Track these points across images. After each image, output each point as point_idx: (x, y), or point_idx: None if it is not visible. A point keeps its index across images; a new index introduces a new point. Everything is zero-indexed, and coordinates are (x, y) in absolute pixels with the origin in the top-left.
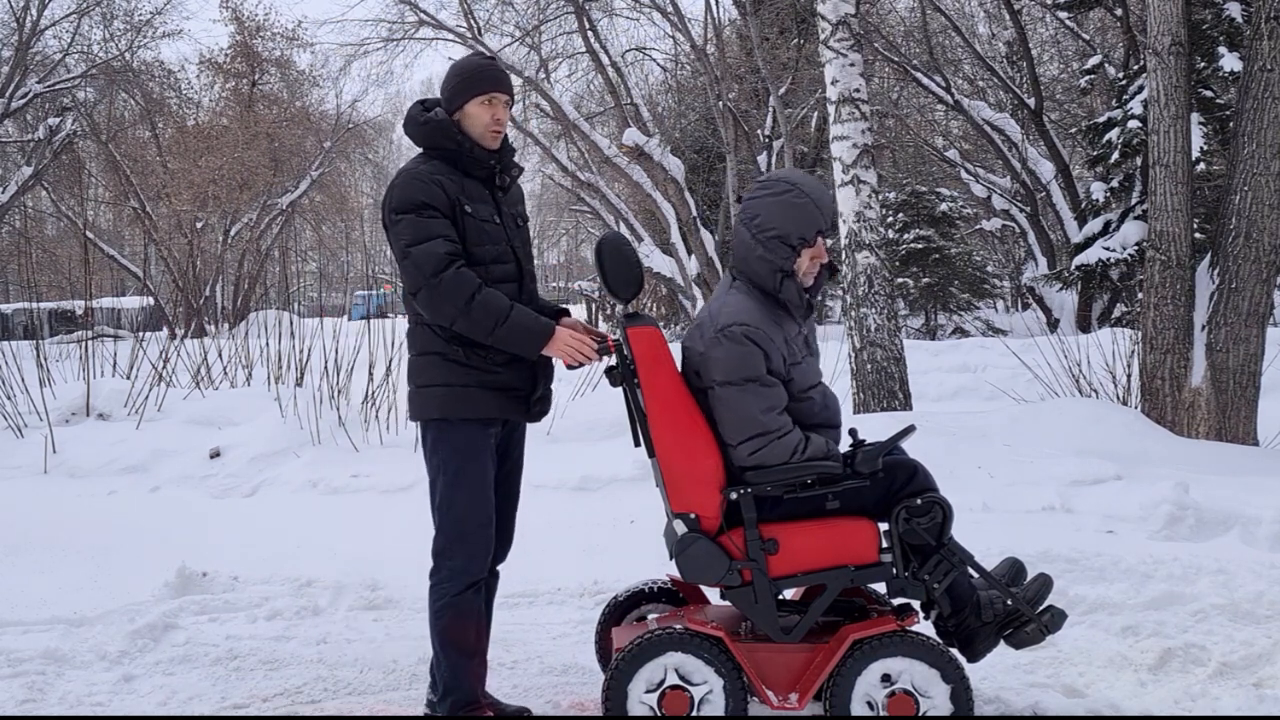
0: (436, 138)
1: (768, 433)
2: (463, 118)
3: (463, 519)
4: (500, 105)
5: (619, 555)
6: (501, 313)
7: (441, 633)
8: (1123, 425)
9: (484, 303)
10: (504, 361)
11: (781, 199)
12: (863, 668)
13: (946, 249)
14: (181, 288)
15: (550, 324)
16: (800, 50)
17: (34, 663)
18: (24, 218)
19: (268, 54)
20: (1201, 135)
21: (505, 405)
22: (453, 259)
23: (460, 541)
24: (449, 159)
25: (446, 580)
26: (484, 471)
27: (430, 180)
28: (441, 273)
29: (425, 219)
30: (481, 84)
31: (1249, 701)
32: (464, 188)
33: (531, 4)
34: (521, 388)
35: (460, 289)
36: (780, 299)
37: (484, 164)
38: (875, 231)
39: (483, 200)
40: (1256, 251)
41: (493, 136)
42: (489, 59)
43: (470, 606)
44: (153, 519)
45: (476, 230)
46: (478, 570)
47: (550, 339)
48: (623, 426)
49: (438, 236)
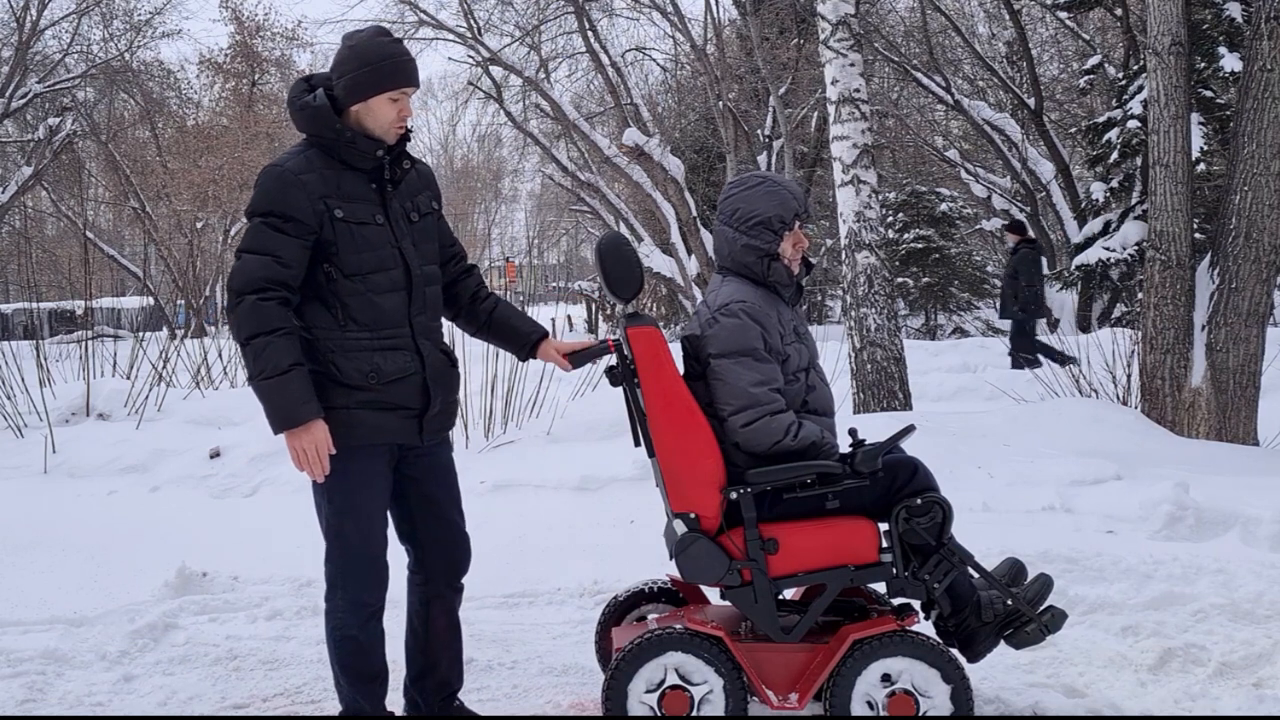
0: (315, 125)
1: (759, 404)
2: (363, 111)
3: (352, 552)
4: (407, 100)
5: (619, 555)
6: (272, 369)
7: (341, 661)
8: (1123, 425)
9: (264, 349)
10: (390, 378)
11: (757, 189)
12: (863, 668)
13: (946, 249)
14: (181, 288)
15: (310, 414)
16: (800, 50)
17: (34, 663)
18: (24, 218)
19: (268, 54)
20: (1201, 135)
21: (393, 427)
22: (268, 286)
23: (351, 574)
24: (328, 149)
25: (344, 612)
26: (375, 499)
27: (293, 182)
28: (247, 295)
29: (271, 230)
30: (394, 79)
31: (1249, 701)
32: (339, 185)
33: (531, 4)
34: (412, 405)
35: (251, 321)
36: (769, 281)
37: (368, 156)
38: (875, 231)
39: (363, 199)
40: (1256, 251)
41: (396, 133)
42: (397, 41)
43: (372, 637)
44: (153, 519)
45: (350, 236)
46: (373, 600)
47: (294, 429)
48: (623, 426)
49: (270, 255)
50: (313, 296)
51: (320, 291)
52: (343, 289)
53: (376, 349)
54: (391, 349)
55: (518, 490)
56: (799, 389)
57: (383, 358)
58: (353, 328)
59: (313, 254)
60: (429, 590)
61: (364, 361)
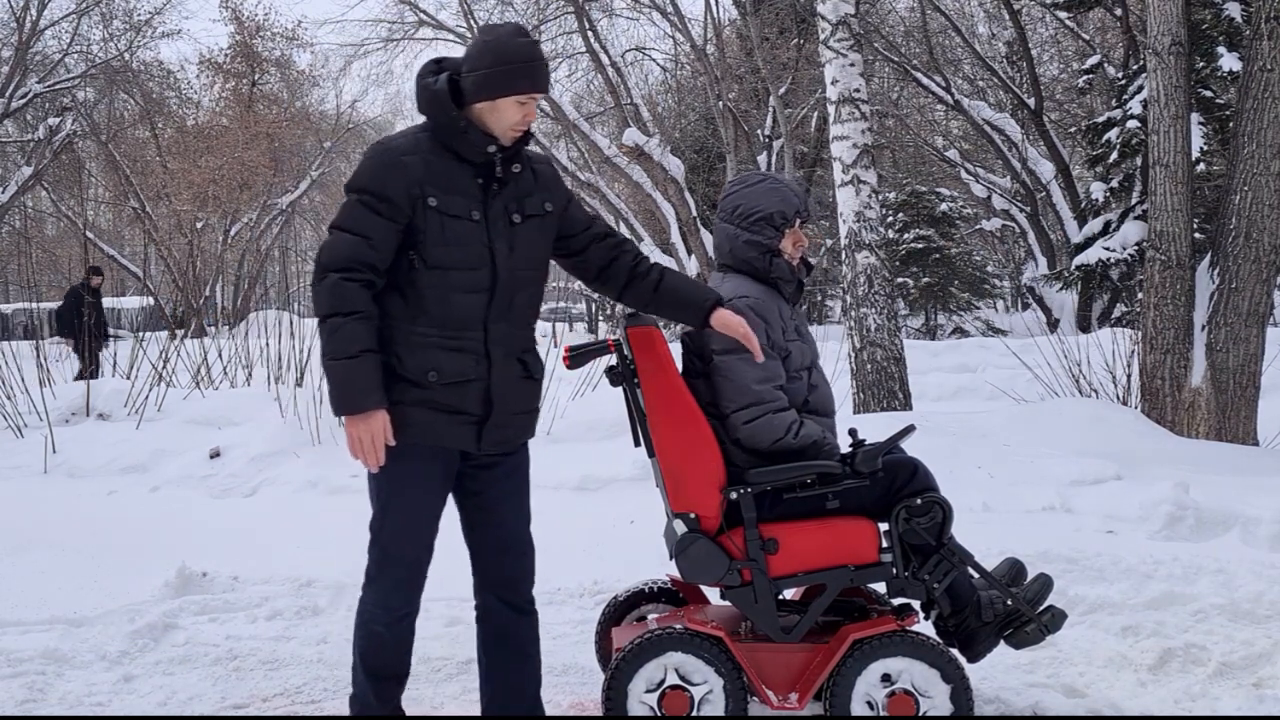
0: (432, 108)
1: (762, 402)
2: (488, 109)
3: (390, 550)
4: (534, 105)
5: (619, 555)
6: (343, 351)
7: (363, 651)
8: (1123, 425)
9: (339, 329)
10: (450, 380)
11: (758, 186)
12: (863, 668)
13: (946, 249)
14: (181, 288)
15: (372, 404)
16: (800, 50)
17: (34, 663)
18: (24, 218)
19: (268, 54)
20: (1201, 135)
21: (445, 431)
22: (354, 266)
23: (386, 573)
24: (441, 135)
25: (372, 608)
26: (419, 502)
27: (394, 163)
28: (332, 272)
29: (366, 209)
30: (526, 82)
31: (1249, 701)
32: (441, 173)
33: (531, 4)
34: (472, 412)
35: (330, 299)
36: (772, 278)
37: (479, 150)
38: (875, 231)
39: (464, 192)
40: (1256, 251)
41: (514, 136)
42: (535, 43)
43: (397, 639)
44: (153, 519)
45: (439, 227)
46: (401, 604)
47: (355, 415)
48: (623, 426)
49: (364, 236)
50: (391, 284)
51: (400, 279)
52: (421, 280)
53: (442, 347)
54: (457, 350)
55: None
56: (801, 387)
57: (446, 357)
58: (422, 321)
59: (401, 239)
60: (484, 604)
61: (427, 358)
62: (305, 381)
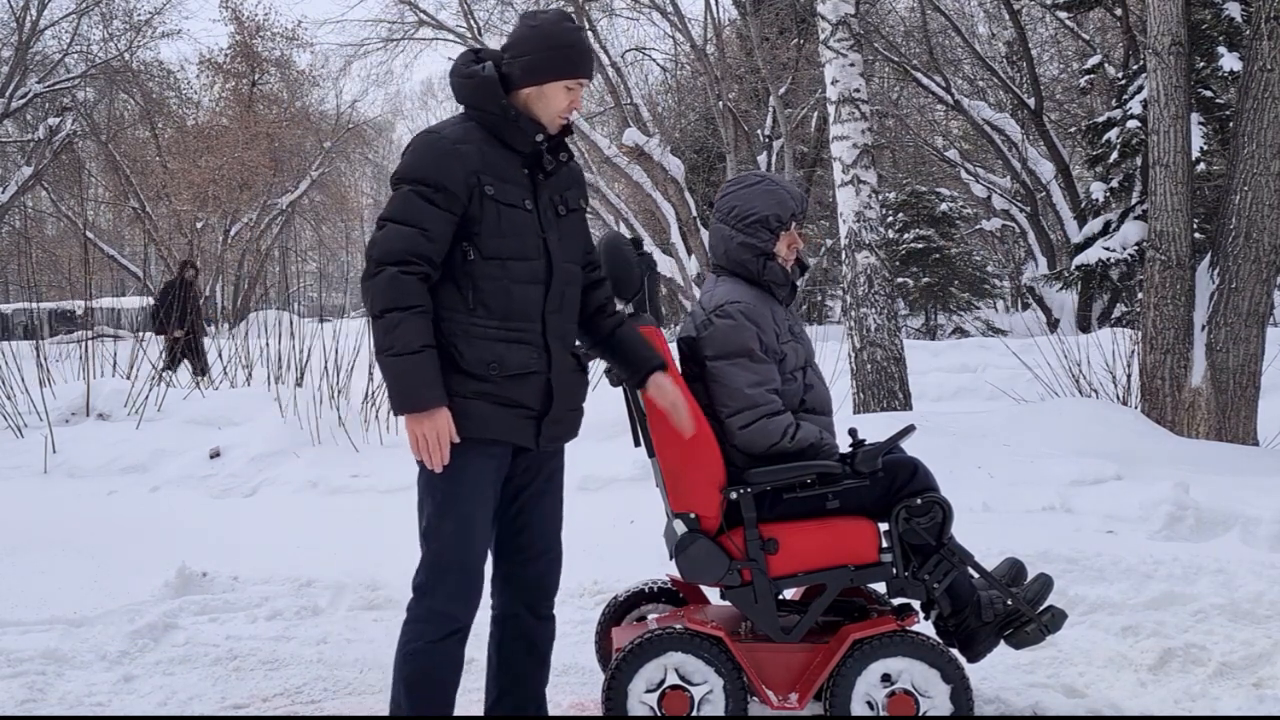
0: (479, 97)
1: (756, 406)
2: (535, 95)
3: (446, 554)
4: (580, 92)
5: (619, 555)
6: (403, 347)
7: (407, 678)
8: (1123, 425)
9: (398, 324)
10: (512, 372)
11: (754, 188)
12: (863, 668)
13: (946, 249)
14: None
15: (436, 400)
16: (800, 50)
17: (34, 663)
18: (24, 218)
19: (268, 54)
20: (1201, 135)
21: (506, 425)
22: (411, 259)
23: (441, 580)
24: (488, 125)
25: (423, 621)
26: (481, 503)
27: (449, 151)
28: (387, 266)
29: (421, 200)
30: (575, 68)
31: (1249, 701)
32: (494, 162)
33: (531, 4)
34: (532, 406)
35: (388, 294)
36: (764, 280)
37: (528, 139)
38: (875, 231)
39: (515, 181)
40: (1256, 251)
41: (560, 123)
42: (580, 30)
43: (447, 658)
44: (153, 519)
45: (496, 216)
46: (461, 615)
47: (418, 413)
48: (623, 426)
49: (419, 227)
50: (445, 276)
51: (454, 271)
52: (478, 271)
53: (502, 340)
54: (519, 342)
55: None
56: (796, 388)
57: (507, 350)
58: (481, 313)
59: (456, 230)
60: (506, 608)
61: (488, 351)
62: (305, 381)
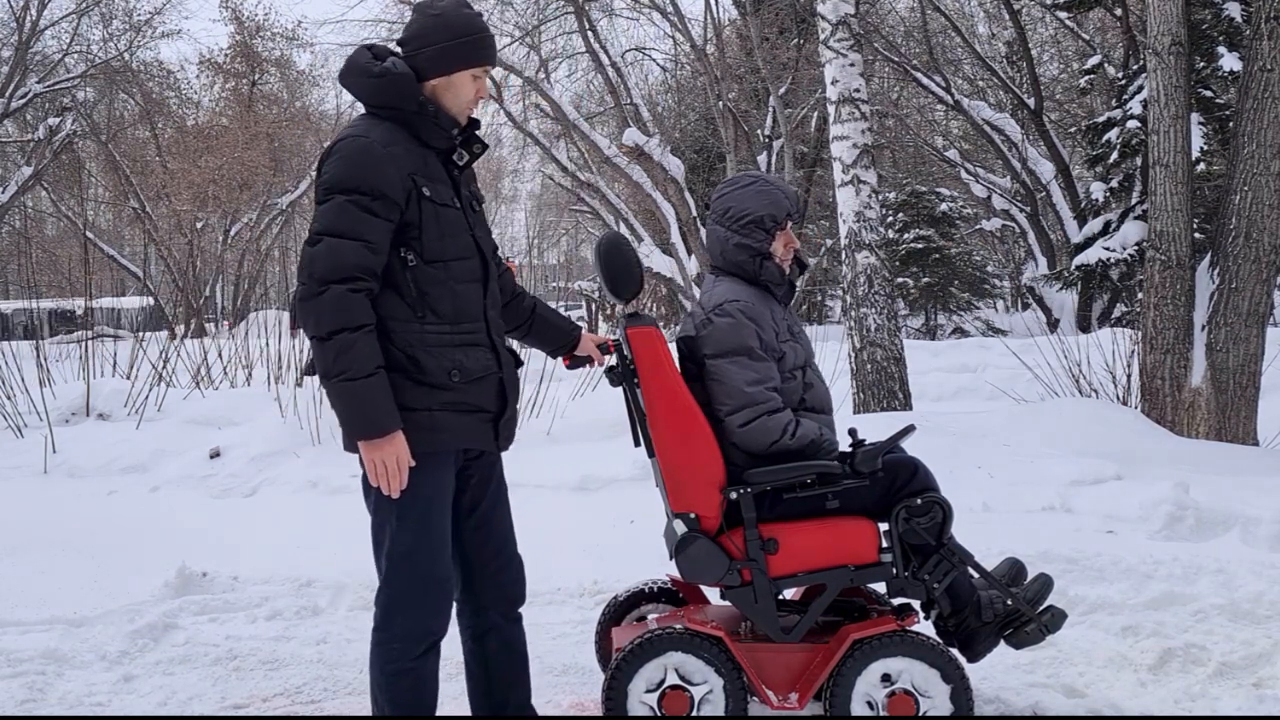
0: (393, 96)
1: (756, 404)
2: (443, 86)
3: (420, 574)
4: (485, 80)
5: (619, 555)
6: (357, 370)
7: (395, 699)
8: (1123, 425)
9: (350, 346)
10: (473, 376)
11: (749, 189)
12: (863, 668)
13: (946, 249)
14: (181, 288)
15: (394, 424)
16: (800, 50)
17: (34, 663)
18: (24, 218)
19: (267, 54)
20: (1201, 135)
21: (474, 432)
22: (359, 275)
23: (418, 598)
24: (406, 124)
25: (400, 640)
26: (446, 515)
27: (383, 156)
28: (332, 284)
29: (359, 210)
30: (481, 54)
31: (1249, 701)
32: (423, 163)
33: (531, 4)
34: (490, 408)
35: (336, 314)
36: (761, 280)
37: (445, 135)
38: (875, 231)
39: (441, 179)
40: (1256, 251)
41: (468, 113)
42: (481, 15)
43: (430, 674)
44: (153, 519)
45: (435, 218)
46: (438, 629)
47: (377, 439)
48: (623, 426)
49: (362, 240)
50: (385, 284)
51: (394, 278)
52: (422, 276)
53: (458, 344)
54: (472, 345)
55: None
56: (796, 386)
57: (465, 354)
58: (431, 320)
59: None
60: (482, 622)
61: (446, 358)
62: (305, 381)
